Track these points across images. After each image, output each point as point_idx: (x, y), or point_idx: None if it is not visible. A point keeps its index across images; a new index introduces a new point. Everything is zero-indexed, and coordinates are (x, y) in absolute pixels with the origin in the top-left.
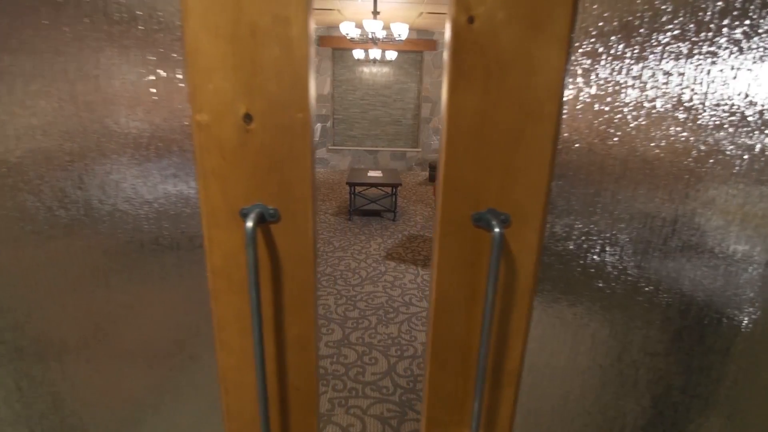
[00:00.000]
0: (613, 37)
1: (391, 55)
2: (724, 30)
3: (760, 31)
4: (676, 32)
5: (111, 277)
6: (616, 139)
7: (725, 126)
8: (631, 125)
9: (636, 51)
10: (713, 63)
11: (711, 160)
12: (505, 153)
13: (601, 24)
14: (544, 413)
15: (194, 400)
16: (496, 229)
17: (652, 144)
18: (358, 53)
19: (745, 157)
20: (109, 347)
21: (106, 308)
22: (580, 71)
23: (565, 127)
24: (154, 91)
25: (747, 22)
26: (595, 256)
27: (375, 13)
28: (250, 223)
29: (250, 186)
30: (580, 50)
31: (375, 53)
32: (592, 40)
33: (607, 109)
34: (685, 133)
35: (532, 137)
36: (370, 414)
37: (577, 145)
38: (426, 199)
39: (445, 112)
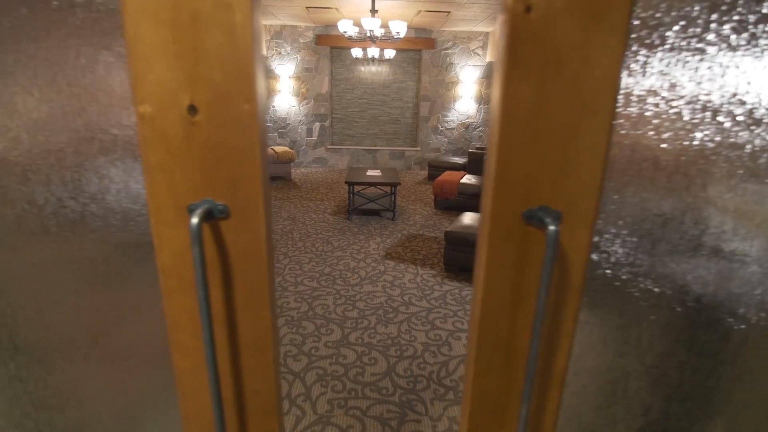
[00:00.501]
0: (670, 28)
1: (390, 53)
2: None
3: None
4: (734, 24)
5: (63, 277)
6: (669, 133)
7: None
8: (686, 119)
9: (694, 42)
10: None
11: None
12: (559, 147)
13: (659, 15)
14: (586, 418)
15: (153, 404)
16: (552, 227)
17: (706, 140)
18: (356, 52)
19: None
20: (62, 350)
21: (56, 309)
22: (635, 62)
23: (619, 120)
24: (98, 82)
25: None
26: (643, 255)
27: (373, 11)
28: (195, 219)
29: (197, 181)
30: (638, 41)
31: (373, 52)
32: (649, 30)
33: (661, 102)
34: (739, 128)
35: (586, 131)
36: (370, 415)
37: (628, 141)
38: (425, 198)
39: (498, 105)
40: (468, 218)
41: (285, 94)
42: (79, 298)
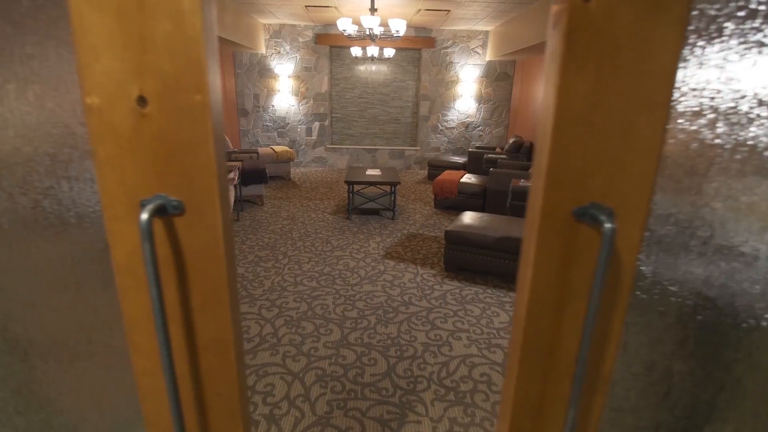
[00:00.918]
0: (729, 20)
1: (389, 52)
2: None
3: None
4: None
5: (21, 277)
6: (725, 128)
7: None
8: (742, 113)
9: (753, 34)
10: None
11: None
12: (613, 142)
13: (718, 5)
14: (628, 422)
15: (115, 407)
16: (607, 225)
17: (763, 135)
18: (355, 51)
19: None
20: (20, 351)
21: (15, 309)
22: (693, 55)
23: (674, 115)
24: (46, 73)
25: None
26: (692, 255)
27: (373, 10)
28: (144, 215)
29: (149, 175)
30: (695, 32)
31: (373, 51)
32: (708, 21)
33: (716, 96)
34: None
35: (642, 126)
36: (370, 416)
37: (682, 136)
38: (425, 197)
39: (553, 98)
40: (468, 217)
41: (284, 94)
42: (37, 297)
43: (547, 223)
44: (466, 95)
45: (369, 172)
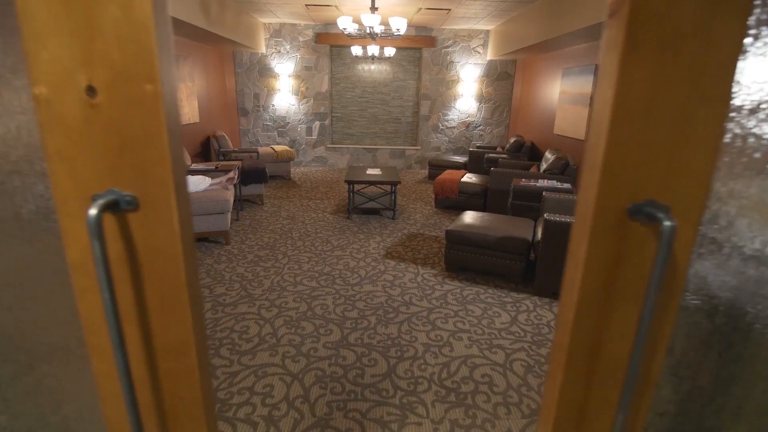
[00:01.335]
0: None
1: (390, 51)
2: None
3: None
4: None
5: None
6: None
7: None
8: None
9: None
10: None
11: None
12: (671, 136)
13: None
14: (672, 426)
15: (77, 410)
16: (667, 222)
17: None
18: (356, 50)
19: None
20: None
21: None
22: (754, 47)
23: (732, 108)
24: None
25: None
26: (744, 256)
27: (373, 8)
28: (93, 211)
29: (101, 169)
30: (757, 24)
31: (373, 50)
32: None
33: None
34: None
35: (701, 119)
36: (370, 418)
37: (740, 130)
38: (425, 197)
39: (611, 90)
40: (469, 217)
41: (284, 93)
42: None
43: (600, 222)
44: (466, 95)
45: (369, 171)
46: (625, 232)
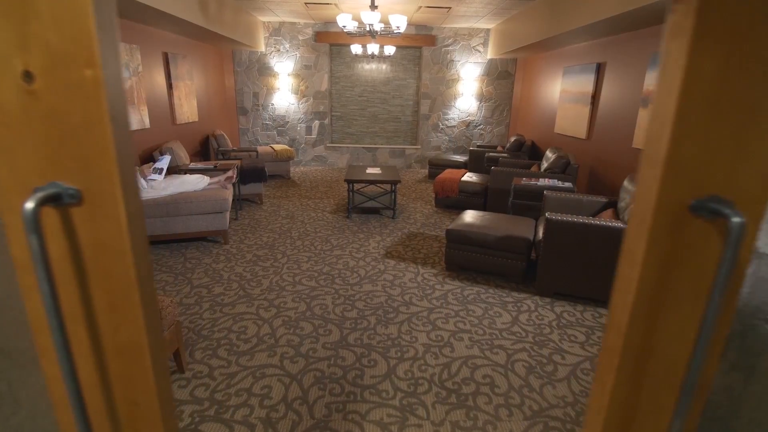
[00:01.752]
0: None
1: (390, 50)
2: None
3: None
4: None
5: None
6: None
7: None
8: None
9: None
10: None
11: None
12: (738, 128)
13: None
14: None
15: (31, 415)
16: (735, 219)
17: None
18: (355, 48)
19: None
20: None
21: None
22: None
23: None
24: None
25: None
26: None
27: (373, 6)
28: (30, 204)
29: (42, 160)
30: None
31: (373, 48)
32: None
33: None
34: None
35: None
36: (369, 419)
37: None
38: (425, 196)
39: (677, 79)
40: (469, 216)
41: (284, 92)
42: None
43: (660, 219)
44: (467, 94)
45: (369, 170)
46: (686, 230)
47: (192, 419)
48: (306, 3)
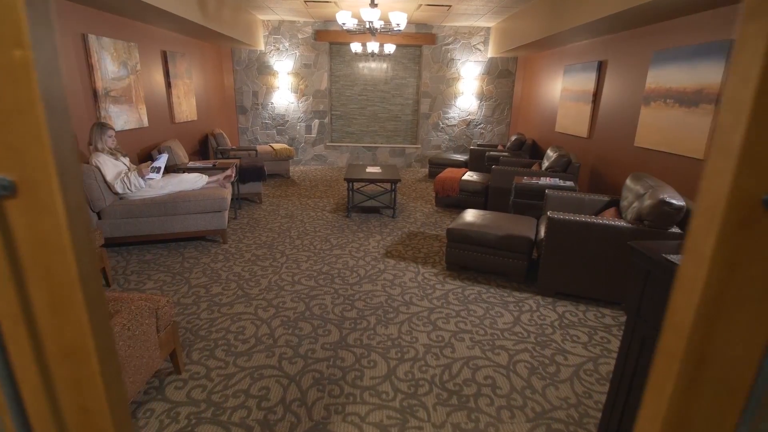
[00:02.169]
0: None
1: (390, 48)
2: None
3: None
4: None
5: None
6: None
7: None
8: None
9: None
10: None
11: None
12: None
13: None
14: None
15: None
16: None
17: None
18: (355, 47)
19: None
20: None
21: None
22: None
23: None
24: None
25: None
26: None
27: (373, 4)
28: None
29: None
30: None
31: (373, 46)
32: None
33: None
34: None
35: None
36: (369, 421)
37: None
38: (426, 195)
39: (757, 65)
40: (470, 215)
41: (283, 91)
42: None
43: (731, 214)
44: (467, 92)
45: (369, 169)
46: (758, 225)
47: (188, 421)
48: (305, 1)
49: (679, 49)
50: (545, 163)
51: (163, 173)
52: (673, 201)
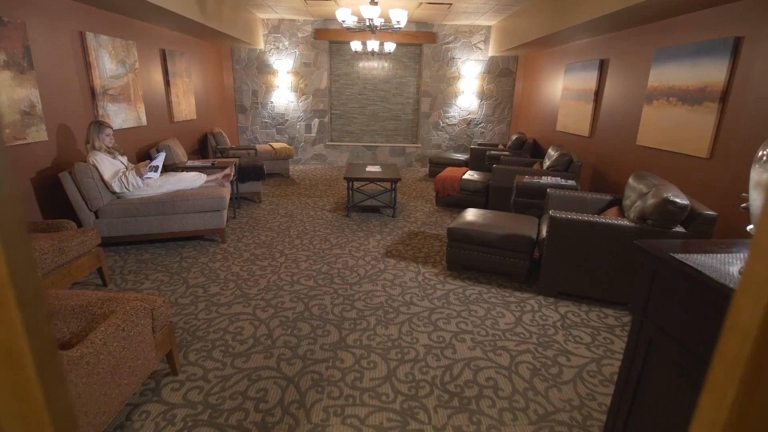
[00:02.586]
0: None
1: (390, 47)
2: None
3: None
4: None
5: None
6: None
7: None
8: None
9: None
10: None
11: None
12: None
13: None
14: None
15: None
16: None
17: None
18: (355, 45)
19: None
20: None
21: None
22: None
23: None
24: None
25: None
26: None
27: (373, 2)
28: None
29: None
30: None
31: (373, 45)
32: None
33: None
34: None
35: None
36: (369, 424)
37: None
38: (426, 195)
39: None
40: (471, 214)
41: (283, 90)
42: None
43: None
44: (467, 91)
45: (369, 168)
46: None
47: (185, 423)
48: None
49: (682, 47)
50: (546, 162)
51: (161, 172)
52: (677, 200)
